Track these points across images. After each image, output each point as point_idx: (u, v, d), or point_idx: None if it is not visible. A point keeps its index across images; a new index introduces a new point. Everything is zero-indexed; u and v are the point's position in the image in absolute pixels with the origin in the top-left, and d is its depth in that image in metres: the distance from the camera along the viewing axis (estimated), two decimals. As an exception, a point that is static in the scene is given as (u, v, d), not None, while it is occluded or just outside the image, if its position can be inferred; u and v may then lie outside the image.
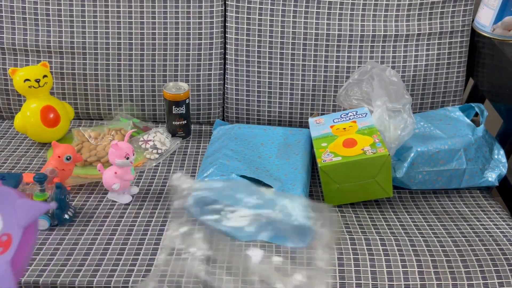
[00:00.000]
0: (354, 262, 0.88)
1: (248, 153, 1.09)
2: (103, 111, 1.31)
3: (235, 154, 1.06)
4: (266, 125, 1.28)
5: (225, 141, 1.13)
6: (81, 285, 0.84)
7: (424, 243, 0.93)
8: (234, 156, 1.05)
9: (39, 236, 0.92)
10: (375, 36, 1.26)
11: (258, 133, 1.17)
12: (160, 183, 1.08)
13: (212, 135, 1.20)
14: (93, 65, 1.27)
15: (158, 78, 1.28)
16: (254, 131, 1.18)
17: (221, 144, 1.12)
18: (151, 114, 1.31)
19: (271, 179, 1.01)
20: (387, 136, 1.02)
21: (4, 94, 1.29)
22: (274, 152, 1.11)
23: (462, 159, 1.07)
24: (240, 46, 1.27)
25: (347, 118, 1.09)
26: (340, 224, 0.98)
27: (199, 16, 1.25)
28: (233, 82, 1.30)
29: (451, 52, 1.28)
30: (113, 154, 0.98)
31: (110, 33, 1.25)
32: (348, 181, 1.00)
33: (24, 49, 1.26)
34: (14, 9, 1.24)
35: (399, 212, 1.03)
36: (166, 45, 1.26)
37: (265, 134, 1.17)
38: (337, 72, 1.27)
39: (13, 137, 1.23)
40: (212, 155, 1.09)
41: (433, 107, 1.31)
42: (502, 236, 0.97)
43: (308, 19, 1.25)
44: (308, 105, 1.30)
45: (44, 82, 1.14)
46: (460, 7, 1.26)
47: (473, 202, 1.08)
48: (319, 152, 1.02)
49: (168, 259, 0.79)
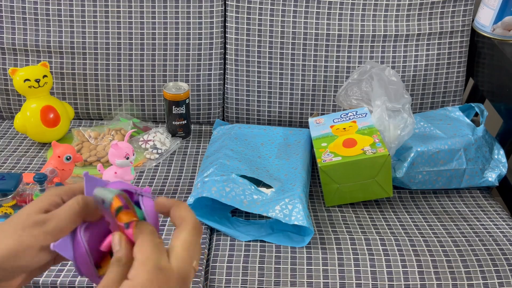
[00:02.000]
0: (354, 262, 0.88)
1: (248, 153, 1.09)
2: (103, 111, 1.30)
3: (235, 154, 1.07)
4: (266, 125, 1.28)
5: (225, 141, 1.13)
6: (81, 285, 0.84)
7: (424, 243, 0.93)
8: (234, 156, 1.05)
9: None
10: (375, 36, 1.26)
11: (258, 133, 1.17)
12: (160, 183, 1.08)
13: (212, 135, 1.20)
14: (93, 65, 1.27)
15: (158, 78, 1.28)
16: (254, 131, 1.18)
17: (221, 144, 1.12)
18: (151, 114, 1.31)
19: (271, 179, 1.01)
20: (386, 136, 1.02)
21: (4, 94, 1.29)
22: (274, 152, 1.11)
23: (462, 159, 1.07)
24: (240, 46, 1.27)
25: (347, 118, 1.09)
26: (340, 224, 0.98)
27: (199, 16, 1.25)
28: (233, 82, 1.30)
29: (451, 52, 1.28)
30: (113, 154, 0.98)
31: (110, 33, 1.25)
32: (348, 181, 1.00)
33: (24, 49, 1.26)
34: (14, 9, 1.24)
35: (399, 212, 1.03)
36: (166, 45, 1.26)
37: (265, 134, 1.17)
38: (337, 72, 1.27)
39: (13, 137, 1.23)
40: (212, 155, 1.09)
41: (433, 107, 1.31)
42: (502, 236, 0.97)
43: (308, 19, 1.25)
44: (308, 105, 1.30)
45: (44, 82, 1.14)
46: (460, 7, 1.26)
47: (473, 202, 1.08)
48: (319, 152, 1.02)
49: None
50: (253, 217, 0.99)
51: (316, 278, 0.86)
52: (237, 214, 1.00)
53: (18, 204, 0.92)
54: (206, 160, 1.09)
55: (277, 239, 0.93)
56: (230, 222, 0.98)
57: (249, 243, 0.92)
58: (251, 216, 1.00)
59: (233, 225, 0.97)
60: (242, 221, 0.98)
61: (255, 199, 0.95)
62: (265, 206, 0.94)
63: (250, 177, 1.00)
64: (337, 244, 0.92)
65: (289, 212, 0.91)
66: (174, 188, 1.07)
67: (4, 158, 1.15)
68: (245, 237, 0.93)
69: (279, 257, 0.89)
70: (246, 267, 0.87)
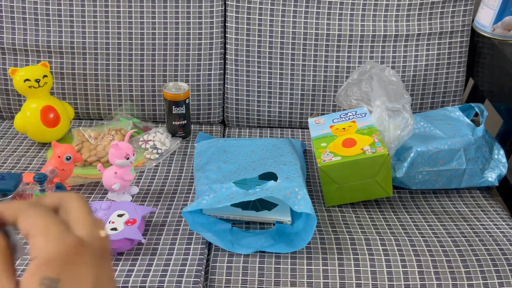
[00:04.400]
0: (354, 262, 0.88)
1: (241, 160, 1.06)
2: (103, 111, 1.31)
3: (229, 165, 1.04)
4: (262, 128, 1.28)
5: (215, 153, 1.10)
6: None
7: (424, 243, 0.93)
8: (228, 168, 1.03)
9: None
10: (375, 36, 1.26)
11: (246, 143, 1.14)
12: (160, 183, 1.08)
13: (196, 148, 1.17)
14: (93, 65, 1.27)
15: (158, 78, 1.28)
16: (241, 142, 1.16)
17: (211, 157, 1.09)
18: (151, 114, 1.31)
19: (272, 169, 0.99)
20: (386, 136, 1.02)
21: (4, 94, 1.29)
22: (267, 155, 1.08)
23: (462, 159, 1.07)
24: (240, 46, 1.27)
25: (347, 118, 1.09)
26: (340, 224, 0.98)
27: (199, 16, 1.25)
28: (233, 82, 1.30)
29: (451, 52, 1.28)
30: (113, 154, 0.98)
31: (110, 33, 1.25)
32: (348, 181, 1.00)
33: (24, 49, 1.26)
34: (14, 9, 1.24)
35: (399, 212, 1.03)
36: (166, 45, 1.26)
37: (252, 143, 1.14)
38: (337, 72, 1.27)
39: (13, 137, 1.23)
40: (203, 168, 1.06)
41: (433, 107, 1.31)
42: (502, 236, 0.97)
43: (308, 19, 1.25)
44: (308, 105, 1.30)
45: (44, 82, 1.14)
46: (460, 7, 1.26)
47: (473, 202, 1.08)
48: (318, 152, 1.02)
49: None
50: (253, 228, 0.97)
51: (316, 278, 0.86)
52: (236, 225, 0.98)
53: (18, 204, 0.92)
54: (198, 174, 1.05)
55: (279, 249, 0.90)
56: (232, 233, 0.95)
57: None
58: (252, 227, 0.97)
59: (234, 237, 0.94)
60: (243, 232, 0.95)
61: (259, 188, 0.93)
62: (274, 191, 0.91)
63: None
64: (337, 244, 0.92)
65: (298, 201, 0.89)
66: (174, 188, 1.07)
67: (4, 158, 1.15)
68: (246, 250, 0.90)
69: (279, 257, 0.89)
70: (246, 267, 0.87)
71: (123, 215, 0.92)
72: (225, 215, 0.97)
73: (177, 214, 0.99)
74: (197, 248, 0.91)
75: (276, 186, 0.92)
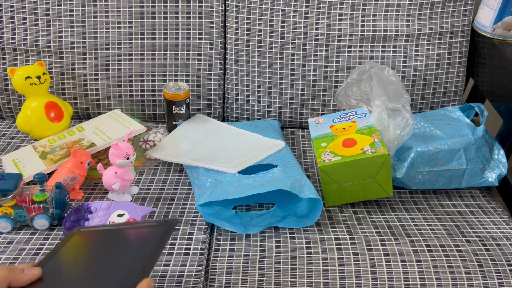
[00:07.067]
0: (354, 262, 0.88)
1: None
2: (103, 111, 1.31)
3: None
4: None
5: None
6: None
7: (424, 243, 0.93)
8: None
9: (39, 236, 0.92)
10: (375, 36, 1.26)
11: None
12: (160, 183, 1.08)
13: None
14: (93, 65, 1.27)
15: (158, 78, 1.28)
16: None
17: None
18: (151, 114, 1.31)
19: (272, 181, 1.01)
20: (386, 136, 1.02)
21: (4, 94, 1.29)
22: (250, 130, 1.17)
23: (462, 159, 1.07)
24: (240, 46, 1.27)
25: (347, 118, 1.09)
26: (340, 224, 0.98)
27: (199, 16, 1.25)
28: (233, 82, 1.30)
29: (451, 52, 1.28)
30: (113, 154, 0.98)
31: (110, 33, 1.25)
32: (348, 181, 1.00)
33: (24, 49, 1.26)
34: (14, 9, 1.24)
35: (399, 212, 1.03)
36: (166, 45, 1.26)
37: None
38: (337, 72, 1.27)
39: (14, 137, 1.23)
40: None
41: (433, 107, 1.31)
42: (502, 236, 0.97)
43: (308, 19, 1.25)
44: (308, 105, 1.30)
45: (44, 79, 1.17)
46: (460, 7, 1.26)
47: (473, 202, 1.08)
48: (318, 152, 1.02)
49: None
50: (253, 210, 1.01)
51: (316, 278, 0.86)
52: (237, 209, 1.01)
53: (18, 204, 0.92)
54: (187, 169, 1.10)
55: (289, 223, 0.95)
56: (239, 217, 0.98)
57: (249, 243, 0.92)
58: (252, 210, 1.01)
59: (242, 220, 0.97)
60: (248, 215, 0.99)
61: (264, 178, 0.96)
62: (280, 181, 0.94)
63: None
64: (337, 244, 0.92)
65: (302, 188, 0.94)
66: (174, 188, 1.07)
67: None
68: (259, 229, 0.94)
69: (279, 257, 0.89)
70: (246, 267, 0.87)
71: (123, 215, 0.92)
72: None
73: (177, 214, 0.99)
74: (197, 248, 0.91)
75: (280, 176, 0.96)
